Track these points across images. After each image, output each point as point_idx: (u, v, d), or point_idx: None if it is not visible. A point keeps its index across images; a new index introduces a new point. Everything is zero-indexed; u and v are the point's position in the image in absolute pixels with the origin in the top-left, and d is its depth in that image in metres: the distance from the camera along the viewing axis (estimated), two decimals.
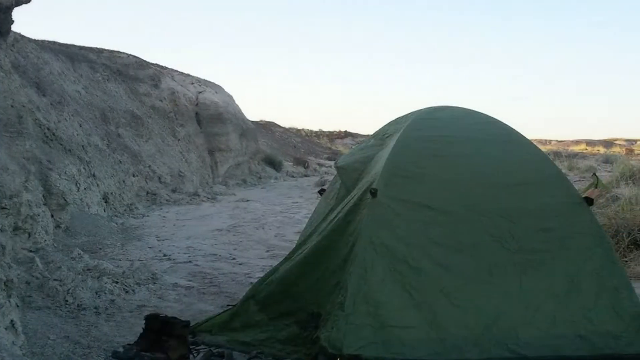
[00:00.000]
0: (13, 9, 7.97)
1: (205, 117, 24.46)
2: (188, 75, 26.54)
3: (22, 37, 15.75)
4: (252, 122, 31.25)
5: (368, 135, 7.61)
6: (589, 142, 72.61)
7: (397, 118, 6.52)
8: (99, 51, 21.68)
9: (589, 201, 5.32)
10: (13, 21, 8.14)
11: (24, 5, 8.25)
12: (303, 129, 57.67)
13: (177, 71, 26.09)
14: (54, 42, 19.57)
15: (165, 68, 25.32)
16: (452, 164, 5.49)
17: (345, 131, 61.44)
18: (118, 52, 22.85)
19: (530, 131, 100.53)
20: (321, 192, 7.31)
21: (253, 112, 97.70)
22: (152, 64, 24.25)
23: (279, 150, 37.20)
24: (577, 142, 73.29)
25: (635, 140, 76.98)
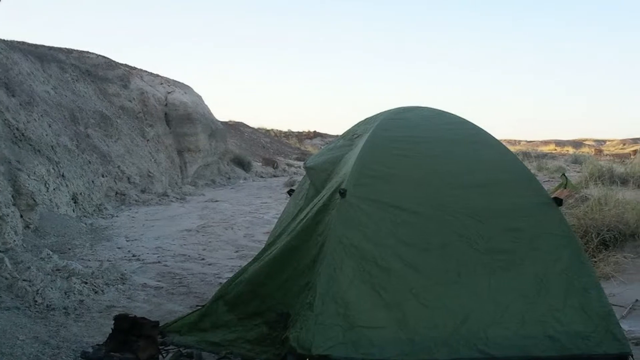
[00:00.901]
0: None
1: (175, 117, 24.34)
2: (157, 75, 26.40)
3: None
4: (221, 122, 31.13)
5: (337, 136, 7.63)
6: (558, 143, 73.28)
7: (366, 118, 6.54)
8: (68, 51, 21.59)
9: (558, 201, 5.36)
10: None
11: None
12: (272, 129, 57.65)
13: (146, 71, 25.95)
14: (23, 43, 19.50)
15: (134, 68, 25.20)
16: (421, 164, 5.51)
17: (315, 131, 61.48)
18: (87, 52, 22.78)
19: (499, 132, 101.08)
20: (290, 192, 7.32)
21: (222, 112, 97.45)
22: (121, 64, 24.16)
23: (248, 151, 37.25)
24: (546, 143, 73.98)
25: (604, 141, 77.82)
